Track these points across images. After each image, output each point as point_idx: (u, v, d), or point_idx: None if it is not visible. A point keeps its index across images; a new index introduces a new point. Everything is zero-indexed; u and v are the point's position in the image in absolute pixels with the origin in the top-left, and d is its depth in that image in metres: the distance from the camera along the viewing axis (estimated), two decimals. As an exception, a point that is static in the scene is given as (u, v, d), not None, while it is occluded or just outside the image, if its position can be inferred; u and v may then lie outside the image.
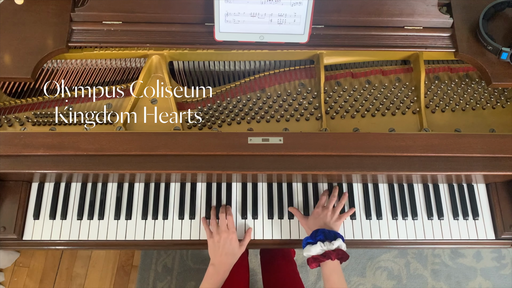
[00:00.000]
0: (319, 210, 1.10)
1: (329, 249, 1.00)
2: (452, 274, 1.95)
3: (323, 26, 1.18)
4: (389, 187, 1.21)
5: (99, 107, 1.19)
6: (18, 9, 1.16)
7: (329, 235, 1.02)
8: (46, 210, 1.16)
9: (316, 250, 1.00)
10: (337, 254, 1.00)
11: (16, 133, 1.07)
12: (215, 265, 1.08)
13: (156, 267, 1.92)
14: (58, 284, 1.91)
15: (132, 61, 1.23)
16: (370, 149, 1.09)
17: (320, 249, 1.00)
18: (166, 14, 1.15)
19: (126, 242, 1.15)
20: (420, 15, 1.18)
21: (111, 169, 1.07)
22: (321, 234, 1.02)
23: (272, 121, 1.18)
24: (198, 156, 1.08)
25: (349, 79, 1.25)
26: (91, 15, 1.15)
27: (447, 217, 1.19)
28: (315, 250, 1.00)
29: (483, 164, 1.09)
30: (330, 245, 1.00)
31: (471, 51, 1.18)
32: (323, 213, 1.10)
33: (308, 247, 1.02)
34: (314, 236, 1.03)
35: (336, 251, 1.00)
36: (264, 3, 1.07)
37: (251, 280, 1.88)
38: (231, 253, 1.09)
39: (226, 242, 1.09)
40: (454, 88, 1.24)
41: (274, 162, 1.08)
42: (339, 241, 1.01)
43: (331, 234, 1.03)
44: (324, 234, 1.02)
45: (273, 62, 1.27)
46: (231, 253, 1.09)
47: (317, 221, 1.09)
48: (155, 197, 1.18)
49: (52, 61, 1.21)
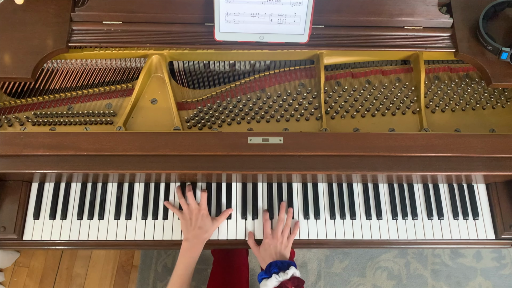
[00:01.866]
0: (269, 240, 1.11)
1: (284, 279, 1.01)
2: (452, 274, 1.95)
3: (323, 26, 1.18)
4: (389, 187, 1.21)
5: (99, 107, 1.19)
6: (18, 9, 1.16)
7: (282, 266, 1.04)
8: (46, 210, 1.16)
9: (272, 283, 1.01)
10: (293, 282, 1.01)
11: (16, 133, 1.07)
12: (189, 240, 1.09)
13: (156, 267, 1.91)
14: (58, 284, 1.91)
15: (132, 61, 1.23)
16: (370, 149, 1.09)
17: (276, 281, 1.01)
18: (166, 14, 1.15)
19: (126, 242, 1.15)
20: (420, 15, 1.18)
21: (111, 169, 1.07)
22: (274, 267, 1.03)
23: (272, 121, 1.18)
24: (198, 156, 1.08)
25: (349, 79, 1.25)
26: (91, 15, 1.15)
27: (447, 217, 1.19)
28: (271, 284, 1.01)
29: (483, 164, 1.09)
30: (285, 275, 1.01)
31: (471, 51, 1.18)
32: (273, 242, 1.10)
33: (264, 281, 1.03)
34: (269, 271, 1.04)
35: (291, 279, 1.01)
36: (264, 3, 1.07)
37: (251, 280, 1.88)
38: (203, 227, 1.10)
39: (198, 217, 1.11)
40: (454, 88, 1.24)
41: (274, 162, 1.08)
42: (292, 269, 1.03)
43: (284, 264, 1.04)
44: (277, 266, 1.04)
45: (273, 62, 1.27)
46: (204, 228, 1.10)
47: (268, 251, 1.09)
48: (155, 197, 1.18)
49: (52, 61, 1.21)
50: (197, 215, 1.11)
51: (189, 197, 1.14)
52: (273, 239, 1.11)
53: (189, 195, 1.14)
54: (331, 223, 1.17)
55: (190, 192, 1.15)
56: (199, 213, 1.11)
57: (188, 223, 1.11)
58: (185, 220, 1.12)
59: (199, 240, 1.10)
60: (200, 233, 1.10)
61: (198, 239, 1.09)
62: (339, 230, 1.17)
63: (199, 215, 1.11)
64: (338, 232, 1.17)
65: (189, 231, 1.10)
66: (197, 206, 1.13)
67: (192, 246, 1.09)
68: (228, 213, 1.16)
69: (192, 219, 1.11)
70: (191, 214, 1.12)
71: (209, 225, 1.12)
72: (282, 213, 1.15)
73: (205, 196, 1.15)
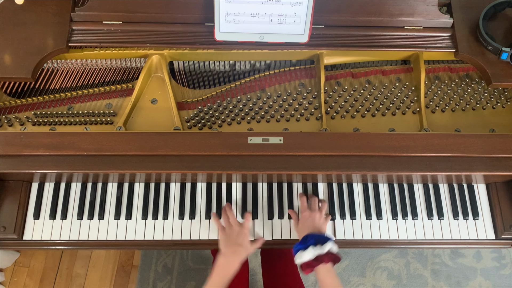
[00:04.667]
0: (306, 214, 1.10)
1: (320, 253, 0.99)
2: (452, 274, 1.95)
3: (323, 26, 1.18)
4: (389, 187, 1.21)
5: (99, 107, 1.19)
6: (18, 9, 1.16)
7: (319, 239, 1.02)
8: (46, 210, 1.16)
9: (308, 255, 0.99)
10: (329, 257, 0.99)
11: (16, 133, 1.07)
12: (226, 255, 1.06)
13: (156, 267, 1.91)
14: (58, 284, 1.91)
15: (132, 61, 1.24)
16: (370, 149, 1.09)
17: (311, 254, 0.99)
18: (166, 14, 1.15)
19: (126, 242, 1.15)
20: (420, 15, 1.18)
21: (111, 169, 1.07)
22: (311, 239, 1.02)
23: (272, 121, 1.18)
24: (198, 156, 1.08)
25: (349, 79, 1.25)
26: (91, 15, 1.15)
27: (447, 217, 1.19)
28: (307, 256, 0.99)
29: (483, 164, 1.09)
30: (321, 248, 0.99)
31: (471, 51, 1.18)
32: (311, 216, 1.10)
33: (299, 253, 1.01)
34: (305, 242, 1.02)
35: (327, 254, 0.99)
36: (264, 3, 1.07)
37: (251, 280, 1.88)
38: (244, 245, 1.08)
39: (239, 234, 1.09)
40: (454, 88, 1.24)
41: (274, 162, 1.08)
42: (329, 244, 1.01)
43: (321, 238, 1.02)
44: (314, 239, 1.02)
45: (273, 62, 1.27)
46: (244, 246, 1.08)
47: (306, 225, 1.09)
48: (155, 197, 1.18)
49: (52, 61, 1.21)
50: (239, 232, 1.09)
51: (232, 216, 1.13)
52: (312, 212, 1.10)
53: (231, 214, 1.14)
54: (330, 223, 1.17)
55: (231, 210, 1.15)
56: (241, 231, 1.10)
57: (228, 238, 1.09)
58: (225, 235, 1.10)
59: (238, 257, 1.06)
60: (239, 250, 1.07)
61: (237, 255, 1.06)
62: (339, 230, 1.17)
63: (240, 232, 1.09)
64: (338, 232, 1.17)
65: (228, 246, 1.07)
66: (239, 224, 1.12)
67: (229, 262, 1.06)
68: (263, 240, 1.15)
69: (232, 234, 1.09)
70: (232, 231, 1.10)
71: (247, 244, 1.09)
72: (313, 196, 1.17)
73: (249, 218, 1.13)
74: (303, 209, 1.13)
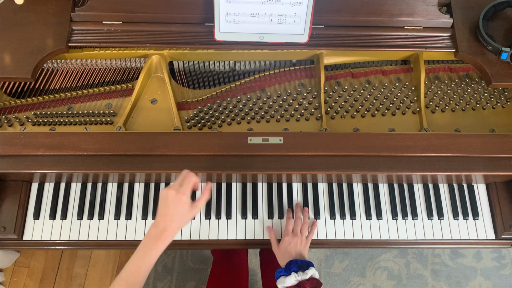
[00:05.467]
0: (289, 238, 1.09)
1: (303, 278, 0.99)
2: (452, 274, 1.95)
3: (323, 26, 1.18)
4: (389, 187, 1.21)
5: (99, 107, 1.19)
6: (18, 9, 1.16)
7: (302, 265, 1.02)
8: (46, 210, 1.16)
9: (291, 281, 0.99)
10: (311, 283, 0.99)
11: (16, 133, 1.07)
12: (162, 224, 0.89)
13: (156, 267, 1.92)
14: (58, 284, 1.91)
15: (132, 61, 1.24)
16: (370, 149, 1.09)
17: (294, 279, 0.99)
18: (166, 14, 1.15)
19: (126, 242, 1.15)
20: (420, 15, 1.18)
21: (111, 169, 1.07)
22: (294, 266, 1.02)
23: (272, 121, 1.18)
24: (198, 156, 1.08)
25: (349, 79, 1.25)
26: (91, 15, 1.15)
27: (447, 217, 1.19)
28: (289, 281, 0.99)
29: (483, 164, 1.09)
30: (304, 275, 1.00)
31: (471, 51, 1.18)
32: (293, 241, 1.09)
33: (282, 278, 1.01)
34: (288, 268, 1.02)
35: (310, 280, 0.99)
36: (264, 3, 1.07)
37: (251, 280, 1.88)
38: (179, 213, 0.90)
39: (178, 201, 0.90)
40: (454, 88, 1.24)
41: (274, 162, 1.08)
42: (312, 270, 1.01)
43: (304, 263, 1.03)
44: (297, 265, 1.02)
45: (273, 62, 1.27)
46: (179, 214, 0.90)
47: (287, 250, 1.08)
48: (155, 197, 1.18)
49: (52, 61, 1.21)
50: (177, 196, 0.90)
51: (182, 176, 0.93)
52: (293, 237, 1.09)
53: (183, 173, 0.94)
54: (331, 223, 1.17)
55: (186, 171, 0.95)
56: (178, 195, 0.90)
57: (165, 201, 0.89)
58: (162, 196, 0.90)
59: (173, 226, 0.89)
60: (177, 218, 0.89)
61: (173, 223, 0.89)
62: (339, 230, 1.17)
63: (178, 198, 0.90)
64: (338, 232, 1.17)
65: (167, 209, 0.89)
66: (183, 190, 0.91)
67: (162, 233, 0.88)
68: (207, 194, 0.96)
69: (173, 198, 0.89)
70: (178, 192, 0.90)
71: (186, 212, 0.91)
72: (299, 212, 1.15)
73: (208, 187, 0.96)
74: (286, 233, 1.11)
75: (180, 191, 0.90)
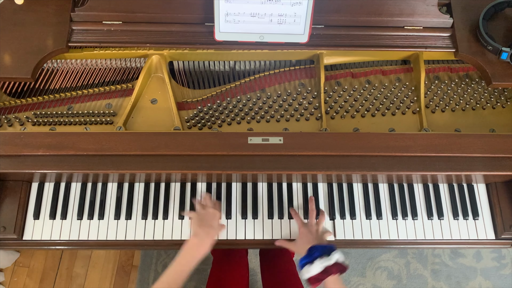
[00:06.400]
0: (305, 230, 1.08)
1: (328, 264, 0.95)
2: (452, 274, 1.95)
3: (323, 26, 1.18)
4: (389, 187, 1.21)
5: (99, 107, 1.19)
6: (18, 9, 1.16)
7: (324, 250, 0.98)
8: (46, 210, 1.16)
9: (316, 268, 0.95)
10: (337, 267, 0.96)
11: (16, 133, 1.07)
12: (200, 236, 1.03)
13: (156, 267, 1.91)
14: (58, 284, 1.91)
15: (132, 61, 1.24)
16: (370, 149, 1.09)
17: (319, 266, 0.95)
18: (166, 14, 1.15)
19: (126, 242, 1.15)
20: (420, 15, 1.18)
21: (111, 169, 1.07)
22: (316, 251, 0.98)
23: (272, 121, 1.18)
24: (198, 156, 1.08)
25: (349, 79, 1.25)
26: (91, 15, 1.15)
27: (447, 217, 1.19)
28: (315, 269, 0.95)
29: (483, 164, 1.10)
30: (328, 260, 0.96)
31: (471, 51, 1.18)
32: (310, 230, 1.07)
33: (306, 267, 0.97)
34: (310, 255, 0.98)
35: (335, 265, 0.95)
36: (264, 3, 1.07)
37: (251, 280, 1.88)
38: (215, 227, 1.06)
39: (213, 216, 1.07)
40: (454, 88, 1.24)
41: (274, 162, 1.08)
42: (336, 254, 0.97)
43: (326, 248, 0.99)
44: (320, 251, 0.98)
45: (273, 62, 1.27)
46: (215, 228, 1.06)
47: (306, 240, 1.05)
48: (155, 197, 1.18)
49: (52, 61, 1.21)
50: (213, 214, 1.07)
51: (207, 198, 1.13)
52: (310, 226, 1.09)
53: (207, 196, 1.14)
54: (330, 223, 1.17)
55: (208, 194, 1.15)
56: (215, 213, 1.08)
57: (202, 219, 1.06)
58: (199, 215, 1.07)
59: (210, 239, 1.04)
60: (212, 232, 1.05)
61: (210, 237, 1.04)
62: (339, 230, 1.17)
63: (214, 215, 1.07)
64: (338, 232, 1.16)
65: (202, 226, 1.04)
66: (212, 207, 1.10)
67: (202, 243, 1.03)
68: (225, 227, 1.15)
69: (206, 216, 1.07)
70: (207, 212, 1.08)
71: (218, 227, 1.09)
72: (313, 204, 1.15)
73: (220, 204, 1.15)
74: (300, 225, 1.10)
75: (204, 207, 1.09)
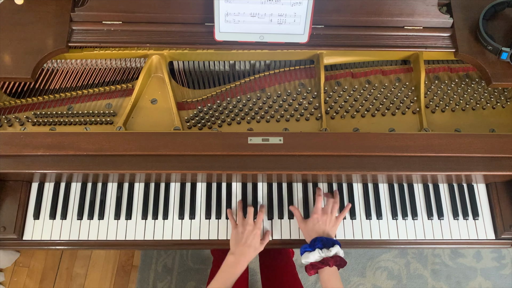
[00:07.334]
0: (318, 216, 1.10)
1: (327, 256, 1.01)
2: (452, 274, 1.95)
3: (323, 26, 1.18)
4: (389, 187, 1.21)
5: (99, 107, 1.19)
6: (18, 9, 1.16)
7: (327, 243, 1.03)
8: (46, 210, 1.16)
9: (314, 257, 1.01)
10: (335, 260, 1.00)
11: (16, 133, 1.07)
12: (236, 254, 1.06)
13: (156, 267, 1.91)
14: (58, 284, 1.91)
15: (132, 61, 1.24)
16: (370, 149, 1.09)
17: (318, 256, 1.01)
18: (166, 14, 1.15)
19: (126, 242, 1.15)
20: (420, 15, 1.18)
21: (111, 169, 1.07)
22: (319, 243, 1.03)
23: (272, 121, 1.18)
24: (198, 156, 1.08)
25: (349, 79, 1.25)
26: (91, 15, 1.15)
27: (447, 217, 1.19)
28: (313, 257, 1.01)
29: (483, 164, 1.10)
30: (328, 252, 1.01)
31: (471, 51, 1.18)
32: (322, 219, 1.09)
33: (306, 254, 1.03)
34: (313, 245, 1.03)
35: (334, 257, 1.00)
36: (264, 3, 1.07)
37: (251, 280, 1.88)
38: (253, 246, 1.08)
39: (250, 235, 1.08)
40: (454, 88, 1.24)
41: (274, 162, 1.08)
42: (336, 248, 1.02)
43: (329, 241, 1.04)
44: (322, 242, 1.03)
45: (273, 62, 1.27)
46: (253, 246, 1.08)
47: (315, 227, 1.08)
48: (155, 197, 1.18)
49: (52, 61, 1.21)
50: (250, 232, 1.09)
51: (249, 213, 1.12)
52: (323, 215, 1.10)
53: (250, 212, 1.12)
54: (331, 223, 1.17)
55: (252, 209, 1.13)
56: (252, 231, 1.09)
57: (240, 237, 1.08)
58: (237, 233, 1.10)
59: (246, 258, 1.06)
60: (248, 251, 1.07)
61: (245, 256, 1.06)
62: (339, 230, 1.17)
63: (251, 232, 1.09)
64: (338, 232, 1.16)
65: (238, 246, 1.07)
66: (253, 223, 1.11)
67: (238, 262, 1.05)
68: (269, 234, 1.15)
69: (244, 233, 1.09)
70: (244, 230, 1.09)
71: (257, 245, 1.09)
72: (337, 196, 1.16)
73: (262, 216, 1.13)
74: (315, 210, 1.11)
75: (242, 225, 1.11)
